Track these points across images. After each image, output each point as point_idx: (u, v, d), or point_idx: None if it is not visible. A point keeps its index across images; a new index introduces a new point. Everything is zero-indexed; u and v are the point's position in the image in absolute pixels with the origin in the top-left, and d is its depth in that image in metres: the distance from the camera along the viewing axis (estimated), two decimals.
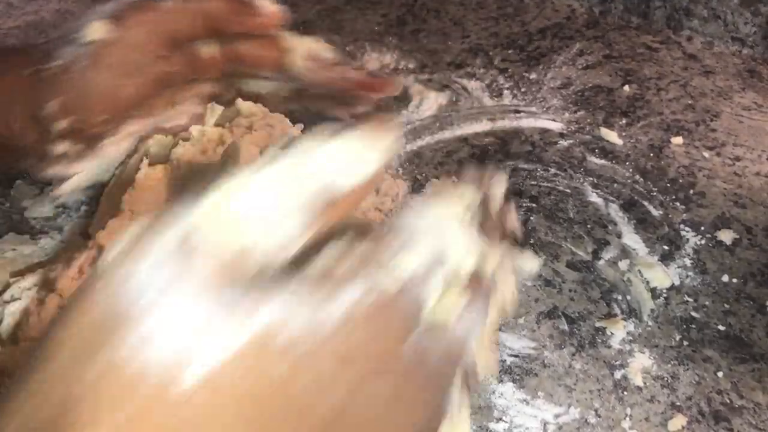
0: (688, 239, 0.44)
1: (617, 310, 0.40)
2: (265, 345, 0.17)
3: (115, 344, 0.16)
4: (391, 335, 0.20)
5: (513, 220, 0.28)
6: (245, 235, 0.18)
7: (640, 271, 0.42)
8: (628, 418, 0.35)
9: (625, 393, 0.36)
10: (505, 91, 0.59)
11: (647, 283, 0.42)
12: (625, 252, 0.44)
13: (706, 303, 0.40)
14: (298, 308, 0.18)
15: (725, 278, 0.42)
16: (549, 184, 0.49)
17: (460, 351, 0.22)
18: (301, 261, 0.20)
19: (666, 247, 0.44)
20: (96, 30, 0.37)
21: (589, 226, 0.46)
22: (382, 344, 0.20)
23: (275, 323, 0.18)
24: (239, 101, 0.42)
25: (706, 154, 0.51)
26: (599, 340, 0.39)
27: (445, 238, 0.22)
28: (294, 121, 0.43)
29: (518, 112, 0.56)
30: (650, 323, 0.39)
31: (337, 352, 0.18)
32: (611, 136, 0.53)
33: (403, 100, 0.59)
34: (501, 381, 0.37)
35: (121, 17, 0.37)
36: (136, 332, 0.16)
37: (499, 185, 0.27)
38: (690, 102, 0.56)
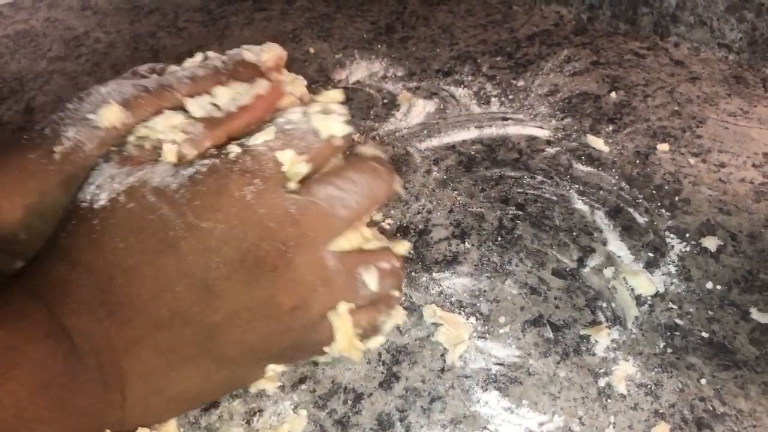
0: (673, 246, 0.44)
1: (602, 318, 0.40)
2: (141, 186, 0.29)
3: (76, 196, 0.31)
4: (231, 188, 0.29)
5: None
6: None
7: (625, 279, 0.42)
8: (611, 426, 0.35)
9: (609, 401, 0.36)
10: (493, 99, 0.59)
11: (632, 290, 0.42)
12: (610, 259, 0.44)
13: (690, 310, 0.41)
14: (165, 172, 0.29)
15: (709, 285, 0.42)
16: (535, 192, 0.49)
17: (334, 205, 0.31)
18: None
19: (651, 255, 0.44)
20: (109, 116, 0.35)
21: (574, 233, 0.46)
22: (220, 190, 0.29)
23: (145, 179, 0.29)
24: None
25: (692, 161, 0.51)
26: (584, 348, 0.39)
27: (305, 119, 0.32)
28: None
29: (505, 119, 0.57)
30: (634, 331, 0.40)
31: (185, 193, 0.28)
32: (598, 143, 0.53)
33: (391, 107, 0.59)
34: (486, 390, 0.37)
35: (135, 103, 0.35)
36: (82, 190, 0.31)
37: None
38: (676, 108, 0.57)
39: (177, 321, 0.29)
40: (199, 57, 0.39)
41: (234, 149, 0.30)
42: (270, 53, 0.39)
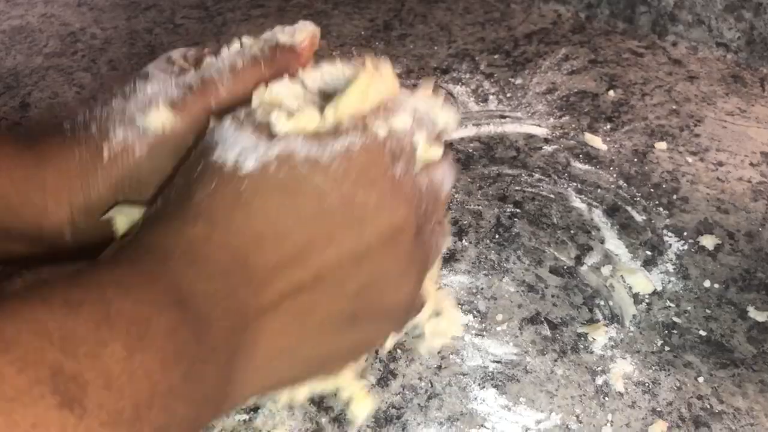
0: (670, 245, 0.44)
1: (599, 316, 0.40)
2: (289, 157, 0.29)
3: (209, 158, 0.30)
4: (381, 161, 0.30)
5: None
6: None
7: (622, 277, 0.42)
8: (609, 424, 0.35)
9: (607, 399, 0.36)
10: (491, 97, 0.59)
11: (629, 288, 0.42)
12: (607, 257, 0.44)
13: (688, 308, 0.40)
14: (308, 143, 0.29)
15: (707, 284, 0.42)
16: (533, 190, 0.49)
17: (440, 190, 0.34)
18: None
19: (649, 253, 0.44)
20: (158, 120, 0.34)
21: (572, 231, 0.46)
22: (373, 167, 0.30)
23: (291, 149, 0.29)
24: None
25: (690, 160, 0.51)
26: (581, 346, 0.39)
27: (427, 108, 0.34)
28: None
29: (503, 117, 0.56)
30: (632, 329, 0.40)
31: (339, 167, 0.29)
32: (595, 141, 0.53)
33: None
34: (483, 387, 0.37)
35: (182, 106, 0.35)
36: (217, 154, 0.30)
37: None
38: (674, 107, 0.57)
39: (320, 284, 0.29)
40: (236, 45, 0.38)
41: (381, 129, 0.31)
42: (304, 33, 0.38)
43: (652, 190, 0.49)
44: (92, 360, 0.20)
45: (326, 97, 0.34)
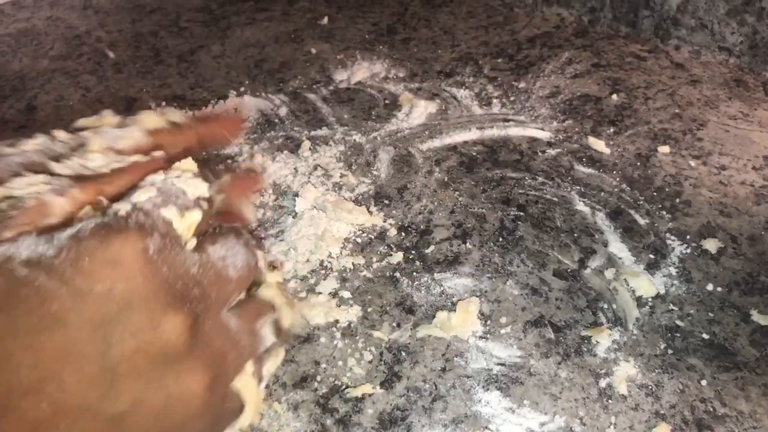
0: (673, 248, 0.45)
1: (603, 319, 0.41)
2: (7, 260, 0.23)
3: None
4: (130, 240, 0.25)
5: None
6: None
7: (626, 280, 0.42)
8: (612, 427, 0.35)
9: (610, 401, 0.36)
10: (494, 100, 0.59)
11: (633, 291, 0.42)
12: (611, 261, 0.44)
13: (691, 312, 0.41)
14: (36, 240, 0.24)
15: (710, 287, 0.42)
16: (537, 193, 0.49)
17: (225, 268, 0.28)
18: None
19: (652, 256, 0.44)
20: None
21: (575, 234, 0.46)
22: (114, 247, 0.24)
23: (11, 251, 0.23)
24: None
25: (693, 163, 0.51)
26: (585, 349, 0.39)
27: (171, 181, 0.28)
28: None
29: (507, 120, 0.57)
30: (635, 332, 0.40)
31: (67, 257, 0.23)
32: (599, 145, 0.53)
33: (393, 108, 0.59)
34: (487, 389, 0.37)
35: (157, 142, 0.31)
36: None
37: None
38: (677, 111, 0.57)
39: (63, 418, 0.24)
40: (40, 138, 0.31)
41: (122, 206, 0.26)
42: (128, 140, 0.32)
43: (655, 193, 0.49)
44: None
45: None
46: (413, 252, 0.45)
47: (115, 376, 0.24)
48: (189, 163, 0.31)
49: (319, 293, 0.43)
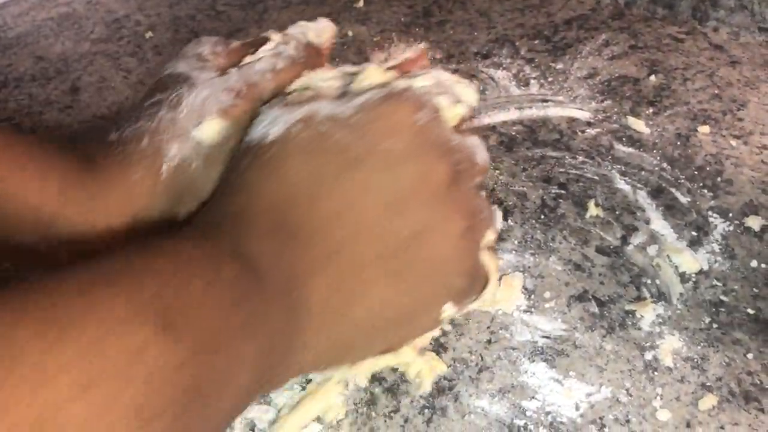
0: (716, 225, 0.45)
1: (646, 294, 0.41)
2: (310, 117, 0.30)
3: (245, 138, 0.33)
4: (407, 111, 0.30)
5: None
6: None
7: (668, 256, 0.43)
8: (658, 398, 0.36)
9: (656, 373, 0.37)
10: (532, 81, 0.59)
11: (676, 267, 0.42)
12: (653, 237, 0.44)
13: (735, 287, 0.41)
14: (330, 104, 0.31)
15: (754, 263, 0.42)
16: (577, 172, 0.50)
17: (473, 153, 0.33)
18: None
19: (694, 233, 0.44)
20: (212, 131, 0.35)
21: (617, 212, 0.46)
22: (394, 115, 0.30)
23: (313, 111, 0.30)
24: None
25: (734, 143, 0.51)
26: (629, 323, 0.39)
27: (447, 79, 0.34)
28: None
29: (545, 101, 0.57)
30: (679, 306, 0.40)
31: (359, 119, 0.30)
32: (638, 124, 0.53)
33: None
34: (533, 361, 0.38)
35: (233, 112, 0.36)
36: (251, 132, 0.32)
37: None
38: (716, 92, 0.57)
39: (362, 237, 0.29)
40: (270, 44, 0.38)
41: (401, 83, 0.31)
42: (328, 32, 0.40)
43: (696, 172, 0.49)
44: (178, 291, 0.23)
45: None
46: None
47: (398, 209, 0.29)
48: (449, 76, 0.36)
49: None
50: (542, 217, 0.46)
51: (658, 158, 0.50)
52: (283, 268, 0.28)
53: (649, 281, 0.42)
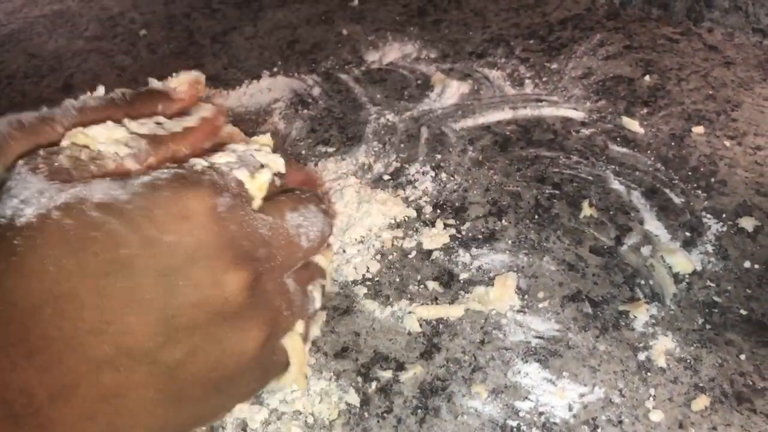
0: (709, 226, 0.45)
1: (640, 294, 0.41)
2: (80, 201, 0.24)
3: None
4: (203, 196, 0.25)
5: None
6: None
7: (662, 257, 0.43)
8: (651, 398, 0.35)
9: (649, 374, 0.37)
10: (527, 81, 0.59)
11: (670, 268, 0.42)
12: (647, 238, 0.44)
13: (728, 288, 0.41)
14: (109, 184, 0.24)
15: (747, 264, 0.42)
16: (571, 172, 0.50)
17: (297, 235, 0.29)
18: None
19: (688, 234, 0.44)
20: None
21: (611, 212, 0.46)
22: (186, 200, 0.25)
23: (85, 193, 0.24)
24: None
25: (728, 144, 0.51)
26: (623, 323, 0.39)
27: (254, 154, 0.30)
28: None
29: (540, 101, 0.57)
30: (673, 307, 0.40)
31: (140, 204, 0.24)
32: (633, 125, 0.53)
33: (425, 88, 0.60)
34: (526, 361, 0.38)
35: (4, 144, 0.28)
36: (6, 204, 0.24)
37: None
38: (711, 92, 0.57)
39: (125, 359, 0.24)
40: (101, 90, 0.34)
41: (199, 162, 0.27)
42: (180, 80, 0.35)
43: (690, 173, 0.49)
44: None
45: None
46: (449, 228, 0.46)
47: (175, 326, 0.24)
48: (266, 139, 0.33)
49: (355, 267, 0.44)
50: (536, 217, 0.46)
51: (653, 158, 0.50)
52: (13, 391, 0.23)
53: (642, 282, 0.42)
